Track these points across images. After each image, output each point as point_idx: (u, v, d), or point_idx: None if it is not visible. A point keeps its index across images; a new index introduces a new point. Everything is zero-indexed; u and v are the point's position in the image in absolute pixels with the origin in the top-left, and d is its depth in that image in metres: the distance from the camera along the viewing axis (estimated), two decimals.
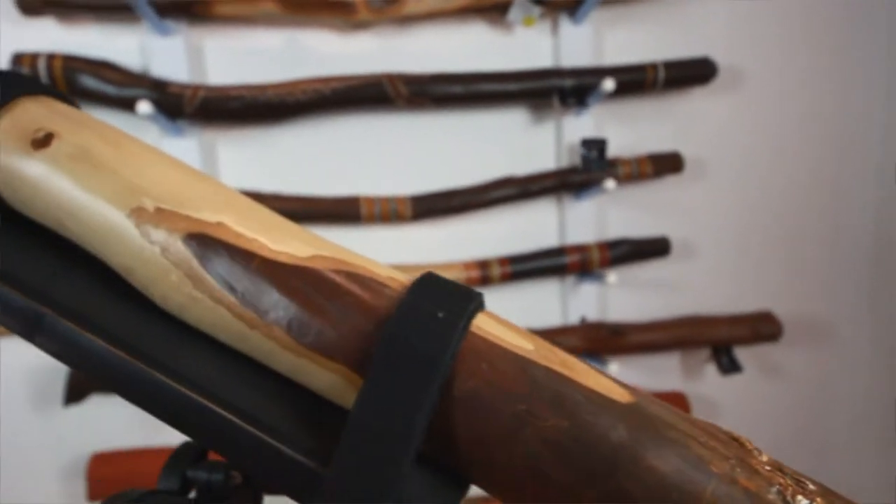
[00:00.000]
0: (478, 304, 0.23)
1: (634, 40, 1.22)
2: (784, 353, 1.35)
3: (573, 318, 1.27)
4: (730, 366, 1.24)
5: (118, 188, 0.24)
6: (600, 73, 1.13)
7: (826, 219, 1.35)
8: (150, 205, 0.24)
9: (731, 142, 1.29)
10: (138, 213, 0.24)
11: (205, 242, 0.23)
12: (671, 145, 1.24)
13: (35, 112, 0.27)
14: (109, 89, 1.00)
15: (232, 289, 0.23)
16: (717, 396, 1.36)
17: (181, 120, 1.05)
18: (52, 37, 1.06)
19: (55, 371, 1.11)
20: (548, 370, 0.21)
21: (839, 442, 1.43)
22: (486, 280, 1.17)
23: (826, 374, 1.40)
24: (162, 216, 0.24)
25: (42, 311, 0.24)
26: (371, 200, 1.13)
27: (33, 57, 0.98)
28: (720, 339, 1.25)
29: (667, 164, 1.21)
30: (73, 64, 0.99)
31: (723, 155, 1.29)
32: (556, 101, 1.16)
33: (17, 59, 0.97)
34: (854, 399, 1.41)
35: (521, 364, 0.21)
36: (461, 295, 0.23)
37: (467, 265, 1.17)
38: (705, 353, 1.30)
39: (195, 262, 0.23)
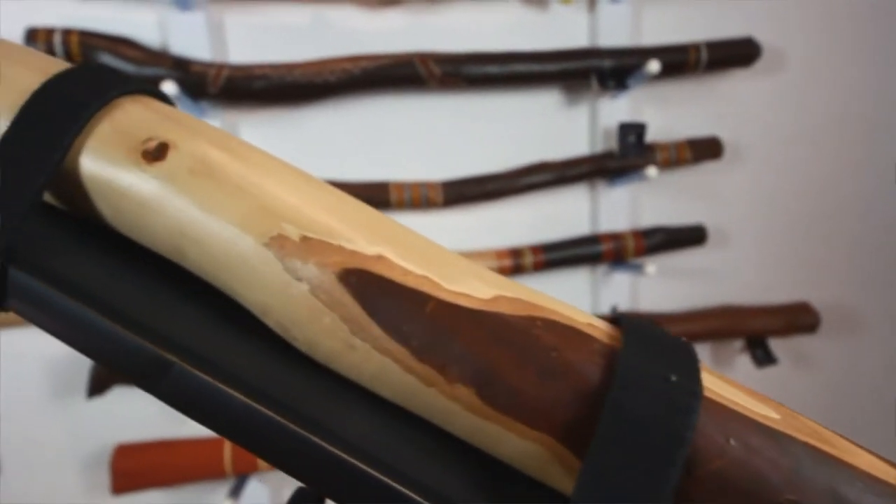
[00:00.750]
0: (699, 362, 0.19)
1: (674, 19, 1.17)
2: (819, 345, 1.32)
3: (604, 308, 1.24)
4: (764, 358, 1.22)
5: (251, 210, 0.20)
6: (641, 53, 1.07)
7: (867, 208, 1.31)
8: (293, 232, 0.20)
9: (770, 127, 1.24)
10: (279, 243, 0.20)
11: (366, 280, 0.19)
12: (709, 130, 1.19)
13: (139, 116, 0.22)
14: (129, 68, 0.94)
15: (403, 338, 0.19)
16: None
17: (203, 100, 1.00)
18: (63, 11, 1.00)
19: (77, 362, 1.07)
20: (810, 449, 0.17)
21: (875, 435, 1.41)
22: (518, 269, 1.13)
23: (861, 367, 1.38)
24: (310, 247, 0.20)
25: (169, 358, 0.20)
26: (401, 186, 1.08)
27: (48, 32, 0.92)
28: (755, 331, 1.22)
29: (706, 150, 1.17)
30: (91, 40, 0.93)
31: (762, 140, 1.25)
32: (593, 83, 1.11)
33: (32, 34, 0.91)
34: (891, 392, 1.39)
35: (776, 439, 0.17)
36: (681, 349, 0.19)
37: (499, 253, 1.13)
38: (738, 344, 1.27)
39: (356, 305, 0.19)
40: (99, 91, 0.22)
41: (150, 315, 0.21)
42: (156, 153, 0.21)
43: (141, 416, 1.11)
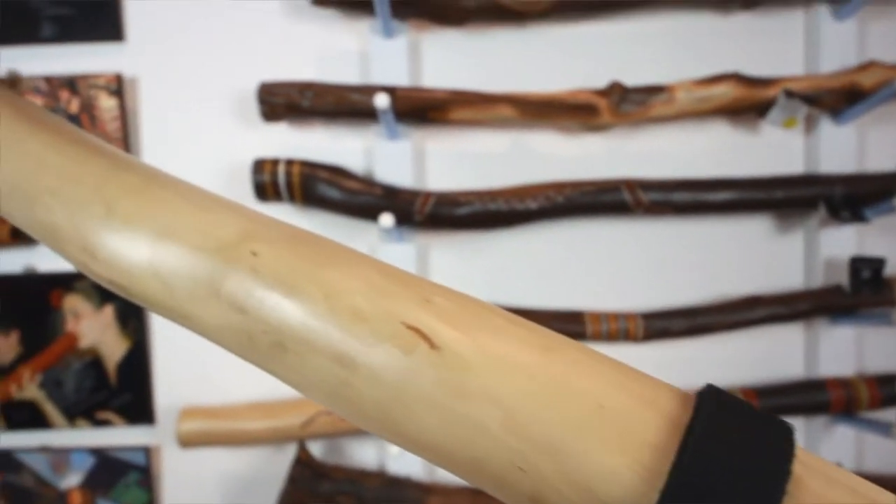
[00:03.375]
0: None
1: None
2: None
3: None
4: None
5: None
6: (882, 180, 0.96)
7: None
8: None
9: None
10: None
11: None
12: None
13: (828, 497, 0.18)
14: (345, 197, 0.97)
15: None
16: None
17: (405, 226, 1.00)
18: (278, 139, 1.06)
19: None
20: None
21: None
22: None
23: None
24: None
25: None
26: (597, 316, 1.01)
27: (273, 163, 0.97)
28: None
29: None
30: (312, 171, 0.97)
31: None
32: (820, 212, 1.00)
33: (259, 165, 0.97)
34: None
35: None
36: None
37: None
38: None
39: None
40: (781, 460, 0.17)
41: None
42: None
43: None
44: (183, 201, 0.24)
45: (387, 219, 0.91)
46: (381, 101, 0.88)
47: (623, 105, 0.95)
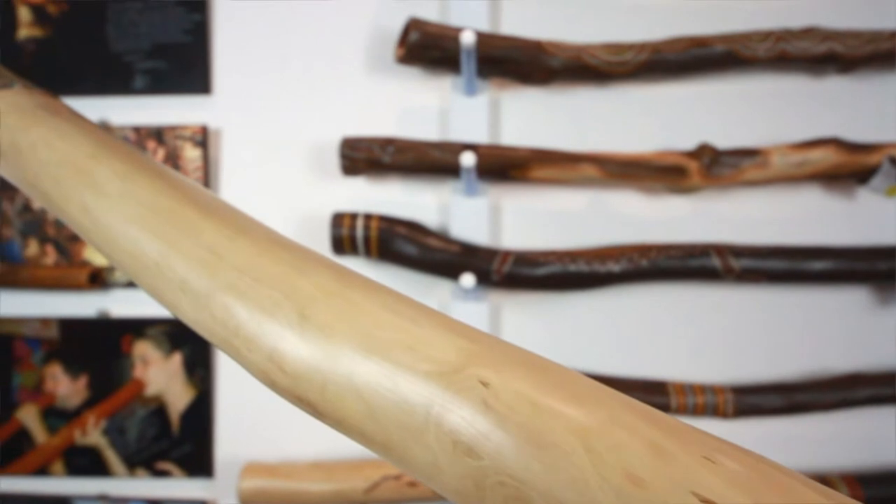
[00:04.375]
0: None
1: None
2: None
3: None
4: None
5: None
6: None
7: None
8: None
9: None
10: None
11: None
12: None
13: None
14: (422, 253, 0.95)
15: None
16: None
17: (482, 284, 0.97)
18: (353, 192, 1.06)
19: None
20: None
21: None
22: None
23: None
24: None
25: None
26: (682, 388, 0.95)
27: (352, 217, 0.97)
28: None
29: None
30: (390, 225, 0.96)
31: None
32: None
33: (337, 218, 0.97)
34: None
35: None
36: None
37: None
38: None
39: None
40: None
41: None
42: None
43: None
44: (384, 309, 0.21)
45: (468, 279, 0.88)
46: (467, 159, 0.87)
47: (714, 168, 0.92)
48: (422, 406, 0.19)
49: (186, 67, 1.06)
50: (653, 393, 0.95)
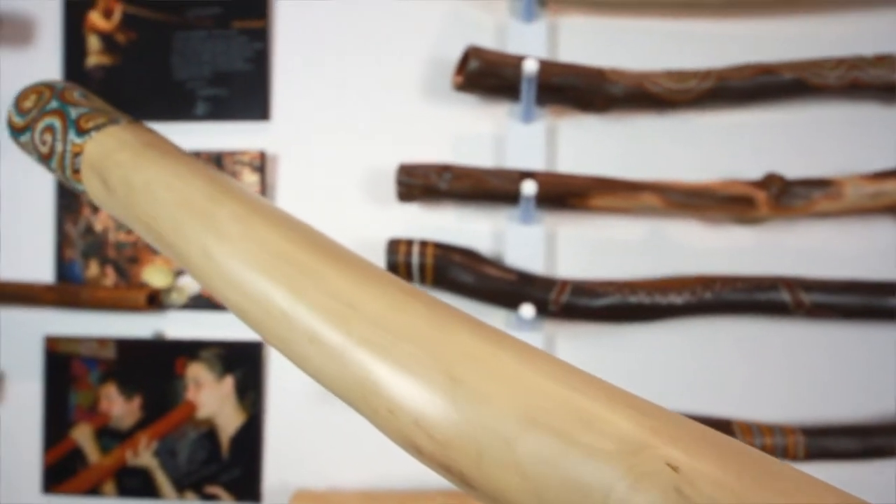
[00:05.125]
0: None
1: None
2: None
3: None
4: None
5: None
6: None
7: None
8: None
9: None
10: None
11: None
12: None
13: None
14: (477, 281, 0.93)
15: None
16: None
17: (540, 315, 0.95)
18: (406, 218, 1.06)
19: None
20: None
21: None
22: None
23: None
24: None
25: None
26: (749, 427, 0.91)
27: (407, 244, 0.96)
28: None
29: None
30: (446, 253, 0.95)
31: None
32: None
33: (393, 245, 0.96)
34: None
35: None
36: None
37: None
38: None
39: None
40: None
41: None
42: None
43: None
44: (543, 376, 0.19)
45: (527, 309, 0.87)
46: (528, 187, 0.86)
47: (783, 198, 0.88)
48: (599, 490, 0.16)
49: (246, 94, 1.08)
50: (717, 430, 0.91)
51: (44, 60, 1.13)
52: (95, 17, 1.11)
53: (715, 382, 0.97)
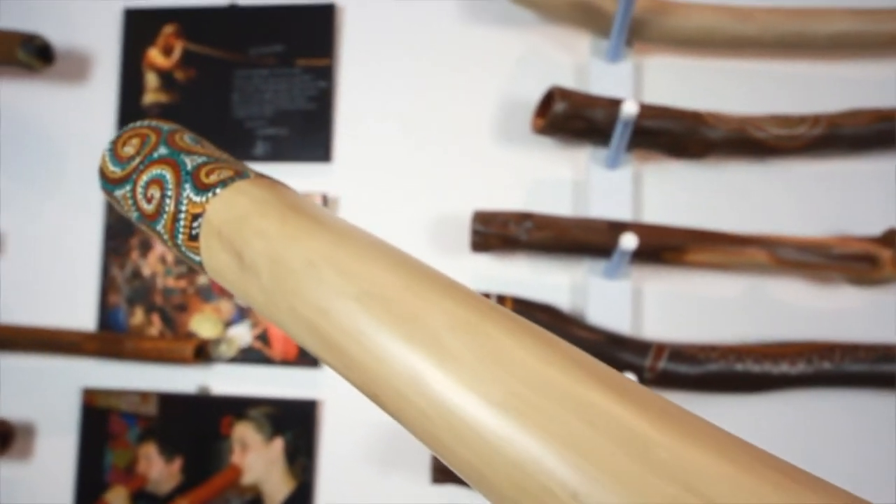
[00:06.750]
0: None
1: None
2: None
3: None
4: None
5: None
6: None
7: None
8: None
9: None
10: None
11: None
12: None
13: None
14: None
15: None
16: None
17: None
18: (473, 267, 0.97)
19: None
20: None
21: None
22: None
23: None
24: None
25: None
26: None
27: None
28: None
29: None
30: (527, 310, 0.86)
31: None
32: None
33: None
34: None
35: None
36: None
37: None
38: None
39: None
40: None
41: None
42: None
43: None
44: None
45: (629, 375, 0.77)
46: (628, 241, 0.78)
47: None
48: None
49: (308, 134, 1.02)
50: None
51: (100, 97, 1.08)
52: (154, 55, 1.07)
53: (829, 462, 0.85)
